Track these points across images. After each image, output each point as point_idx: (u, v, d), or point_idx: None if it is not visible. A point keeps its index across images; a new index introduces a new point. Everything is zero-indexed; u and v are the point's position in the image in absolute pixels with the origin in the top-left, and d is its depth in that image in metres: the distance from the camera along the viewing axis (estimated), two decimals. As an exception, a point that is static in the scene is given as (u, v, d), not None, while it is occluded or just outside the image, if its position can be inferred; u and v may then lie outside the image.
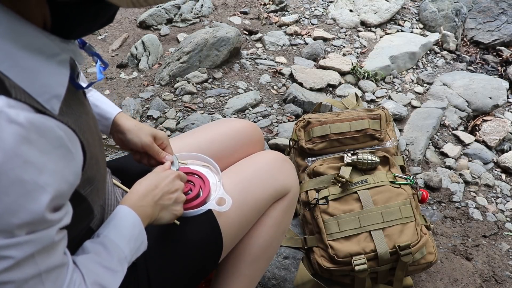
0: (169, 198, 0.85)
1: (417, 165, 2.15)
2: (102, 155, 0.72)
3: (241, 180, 1.05)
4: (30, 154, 0.51)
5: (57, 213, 0.57)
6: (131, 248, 0.75)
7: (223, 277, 1.09)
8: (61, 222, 0.59)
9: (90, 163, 0.65)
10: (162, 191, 0.84)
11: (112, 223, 0.75)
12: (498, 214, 1.98)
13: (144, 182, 0.85)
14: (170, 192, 0.86)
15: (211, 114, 2.17)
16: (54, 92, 0.57)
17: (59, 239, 0.59)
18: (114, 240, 0.73)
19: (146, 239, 0.80)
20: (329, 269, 1.36)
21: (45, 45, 0.56)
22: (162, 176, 0.87)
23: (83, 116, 0.65)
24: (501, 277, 1.65)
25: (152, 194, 0.83)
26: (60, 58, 0.59)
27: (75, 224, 0.67)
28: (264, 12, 3.24)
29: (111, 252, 0.72)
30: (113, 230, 0.74)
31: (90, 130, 0.66)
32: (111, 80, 2.54)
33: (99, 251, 0.71)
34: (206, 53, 2.50)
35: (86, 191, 0.66)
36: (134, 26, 3.11)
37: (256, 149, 1.22)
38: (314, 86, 2.44)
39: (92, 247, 0.71)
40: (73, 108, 0.63)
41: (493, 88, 2.69)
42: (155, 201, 0.83)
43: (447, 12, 3.30)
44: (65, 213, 0.60)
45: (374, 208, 1.39)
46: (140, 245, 0.78)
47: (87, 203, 0.69)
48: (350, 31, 3.12)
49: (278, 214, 1.09)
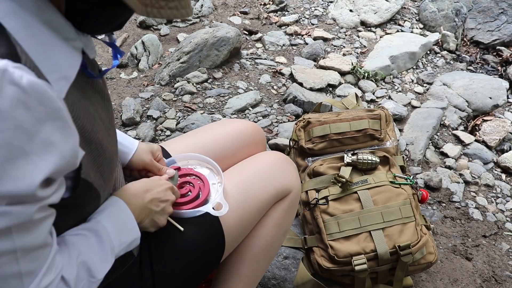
0: (157, 205, 0.85)
1: (417, 165, 2.15)
2: (109, 139, 0.71)
3: (243, 180, 1.05)
4: (24, 119, 0.50)
5: (45, 190, 0.55)
6: (120, 241, 0.74)
7: (224, 277, 1.09)
8: (47, 199, 0.56)
9: (89, 148, 0.64)
10: (153, 196, 0.84)
11: (106, 212, 0.74)
12: (498, 214, 1.98)
13: (137, 184, 0.85)
14: (160, 200, 0.86)
15: (211, 114, 2.17)
16: (64, 73, 0.57)
17: (41, 217, 0.56)
18: (106, 228, 0.72)
19: (139, 237, 0.80)
20: (329, 269, 1.36)
21: (63, 27, 0.57)
22: (156, 183, 0.88)
23: (87, 99, 0.65)
24: (501, 277, 1.65)
25: (143, 196, 0.83)
26: (75, 44, 0.59)
27: (81, 207, 0.68)
28: (264, 12, 3.24)
29: (103, 239, 0.71)
30: (107, 219, 0.73)
31: (92, 116, 0.65)
32: (111, 80, 2.55)
33: (90, 236, 0.70)
34: (206, 53, 2.50)
35: (90, 176, 0.65)
36: (134, 26, 3.11)
37: (258, 149, 1.22)
38: (314, 86, 2.44)
39: (85, 231, 0.70)
40: (77, 90, 0.62)
41: (493, 88, 2.69)
42: (144, 203, 0.82)
43: (447, 12, 3.30)
44: (53, 191, 0.57)
45: (374, 208, 1.39)
46: (131, 241, 0.78)
47: (93, 187, 0.68)
48: (350, 31, 3.12)
49: (279, 215, 1.09)
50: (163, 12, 0.53)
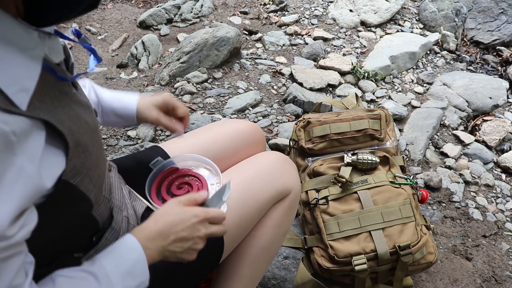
0: (180, 246, 0.77)
1: (417, 165, 2.15)
2: (94, 142, 0.69)
3: (242, 180, 1.05)
4: None
5: (12, 228, 0.52)
6: (125, 285, 0.69)
7: (224, 277, 1.09)
8: (11, 239, 0.53)
9: (76, 151, 0.63)
10: (176, 236, 0.76)
11: (112, 254, 0.71)
12: (498, 214, 1.98)
13: (161, 222, 0.76)
14: (185, 239, 0.77)
15: (211, 114, 2.17)
16: (22, 85, 0.55)
17: (3, 257, 0.53)
18: (108, 273, 0.68)
19: (148, 280, 0.73)
20: (329, 269, 1.36)
21: (19, 37, 0.55)
22: (184, 217, 0.77)
23: (66, 106, 0.63)
24: (501, 277, 1.65)
25: (163, 237, 0.75)
26: (34, 53, 0.57)
27: (66, 210, 0.65)
28: (264, 12, 3.24)
29: (101, 284, 0.66)
30: (111, 261, 0.69)
31: (75, 119, 0.64)
32: (111, 80, 2.55)
33: (88, 279, 0.66)
34: (206, 53, 2.50)
35: (76, 180, 0.64)
36: (134, 26, 3.11)
37: (257, 150, 1.22)
38: (314, 86, 2.44)
39: (84, 274, 0.67)
40: (51, 100, 0.60)
41: (493, 88, 2.69)
42: (163, 246, 0.75)
43: (447, 12, 3.30)
44: (17, 229, 0.54)
45: (374, 208, 1.39)
46: (138, 284, 0.72)
47: (79, 191, 0.65)
48: (350, 31, 3.12)
49: (279, 215, 1.09)
50: None
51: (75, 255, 0.76)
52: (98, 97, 1.02)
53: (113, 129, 2.09)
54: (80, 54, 2.78)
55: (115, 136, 2.05)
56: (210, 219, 0.80)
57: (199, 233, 0.78)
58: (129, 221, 0.88)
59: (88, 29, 3.03)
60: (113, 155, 1.83)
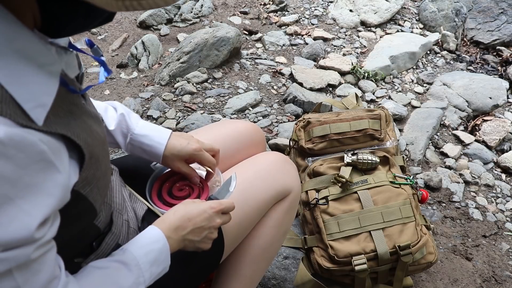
0: (199, 235, 0.84)
1: (417, 165, 2.15)
2: (104, 153, 0.71)
3: (242, 181, 1.05)
4: (5, 169, 0.50)
5: (41, 230, 0.56)
6: (152, 273, 0.75)
7: (224, 278, 1.09)
8: (43, 238, 0.57)
9: (90, 162, 0.64)
10: (194, 226, 0.83)
11: (140, 244, 0.76)
12: (498, 214, 1.98)
13: (179, 212, 0.84)
14: (203, 228, 0.84)
15: (211, 114, 2.17)
16: (40, 101, 0.55)
17: (40, 254, 0.58)
18: (139, 262, 0.73)
19: (168, 266, 0.80)
20: (329, 269, 1.36)
21: (38, 52, 0.55)
22: (201, 209, 0.85)
23: (78, 118, 0.64)
24: (501, 277, 1.65)
25: (183, 227, 0.82)
26: (52, 68, 0.58)
27: (75, 221, 0.67)
28: (264, 12, 3.24)
29: (133, 273, 0.72)
30: (139, 251, 0.75)
31: (88, 131, 0.65)
32: (111, 80, 2.55)
33: (120, 268, 0.71)
34: (206, 53, 2.50)
35: (86, 190, 0.66)
36: (134, 26, 3.11)
37: (257, 150, 1.22)
38: (314, 86, 2.44)
39: (116, 263, 0.72)
40: (64, 113, 0.61)
41: (493, 88, 2.69)
42: (182, 236, 0.82)
43: (447, 12, 3.30)
44: (48, 228, 0.58)
45: (374, 208, 1.39)
46: (161, 271, 0.78)
47: (87, 202, 0.68)
48: (350, 31, 3.12)
49: (279, 215, 1.09)
50: (144, 3, 0.48)
51: (75, 260, 0.77)
52: (128, 127, 0.99)
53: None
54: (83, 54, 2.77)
55: (115, 136, 2.05)
56: (224, 209, 0.88)
57: (215, 223, 0.86)
58: (129, 225, 0.88)
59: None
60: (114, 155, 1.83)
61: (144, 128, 0.99)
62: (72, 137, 0.59)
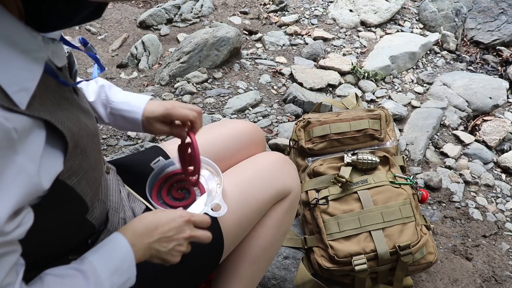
0: (165, 245, 0.78)
1: (417, 165, 2.15)
2: (93, 146, 0.69)
3: (242, 181, 1.05)
4: None
5: (9, 224, 0.53)
6: (113, 282, 0.69)
7: (223, 278, 1.09)
8: (8, 235, 0.53)
9: (75, 152, 0.63)
10: (161, 235, 0.77)
11: (101, 251, 0.71)
12: (498, 214, 1.98)
13: (146, 220, 0.78)
14: (171, 238, 0.78)
15: (211, 114, 2.17)
16: (23, 85, 0.55)
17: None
18: (97, 270, 0.68)
19: (134, 276, 0.74)
20: (329, 269, 1.36)
21: (23, 39, 0.55)
22: (169, 217, 0.79)
23: (66, 110, 0.64)
24: (501, 277, 1.65)
25: (148, 235, 0.76)
26: (37, 55, 0.58)
27: (62, 211, 0.65)
28: (264, 12, 3.24)
29: (90, 282, 0.67)
30: (99, 258, 0.70)
31: (75, 121, 0.64)
32: (111, 80, 2.55)
33: (77, 276, 0.67)
34: (206, 53, 2.50)
35: (72, 181, 0.64)
36: (134, 26, 3.11)
37: (257, 150, 1.22)
38: (314, 86, 2.44)
39: (73, 271, 0.67)
40: (52, 103, 0.61)
41: (493, 88, 2.69)
42: (149, 243, 0.76)
43: (447, 12, 3.30)
44: (15, 226, 0.54)
45: (374, 208, 1.39)
46: (125, 281, 0.72)
47: (75, 193, 0.66)
48: (350, 31, 3.12)
49: (279, 215, 1.09)
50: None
51: (70, 257, 0.76)
52: (107, 97, 0.99)
53: (113, 129, 2.09)
54: (83, 55, 2.78)
55: (115, 136, 2.05)
56: (195, 221, 0.82)
57: (184, 234, 0.79)
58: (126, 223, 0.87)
59: (88, 29, 3.03)
60: (113, 155, 1.83)
61: (124, 97, 1.00)
62: (55, 123, 0.58)
